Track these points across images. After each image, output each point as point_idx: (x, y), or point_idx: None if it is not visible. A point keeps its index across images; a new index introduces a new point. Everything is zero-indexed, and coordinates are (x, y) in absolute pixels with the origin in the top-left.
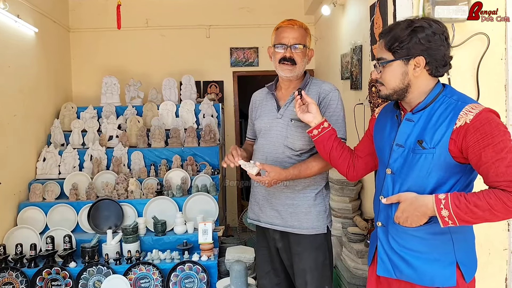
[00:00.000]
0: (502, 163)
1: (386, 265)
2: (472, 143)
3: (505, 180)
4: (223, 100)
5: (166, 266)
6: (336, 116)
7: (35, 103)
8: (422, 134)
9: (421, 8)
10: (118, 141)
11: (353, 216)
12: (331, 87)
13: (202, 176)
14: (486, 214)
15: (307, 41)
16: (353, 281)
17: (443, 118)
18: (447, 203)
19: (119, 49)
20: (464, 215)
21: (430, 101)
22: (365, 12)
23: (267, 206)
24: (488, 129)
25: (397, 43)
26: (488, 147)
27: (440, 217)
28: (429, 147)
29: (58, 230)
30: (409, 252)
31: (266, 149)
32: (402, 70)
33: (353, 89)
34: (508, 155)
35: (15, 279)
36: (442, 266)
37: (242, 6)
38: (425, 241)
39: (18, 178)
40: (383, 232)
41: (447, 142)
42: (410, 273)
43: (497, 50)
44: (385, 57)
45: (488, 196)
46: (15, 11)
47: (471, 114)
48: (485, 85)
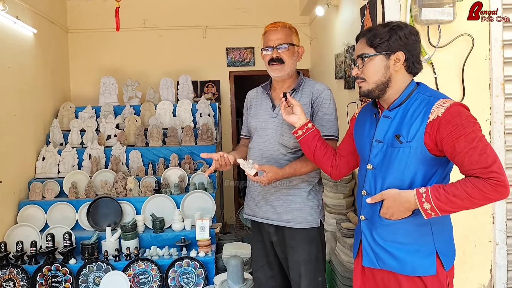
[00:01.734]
0: (475, 151)
1: (370, 257)
2: (445, 135)
3: (479, 168)
4: (219, 99)
5: (165, 262)
6: (328, 115)
7: (34, 103)
8: (399, 129)
9: (409, 10)
10: (116, 140)
11: (347, 212)
12: (324, 87)
13: (199, 174)
14: (465, 203)
15: (293, 39)
16: (346, 274)
17: (417, 113)
18: (427, 197)
19: (117, 50)
20: (444, 205)
21: (405, 97)
22: (358, 13)
23: (262, 202)
24: (459, 120)
25: (378, 39)
26: (461, 138)
27: (423, 210)
28: (406, 141)
29: (58, 228)
30: (392, 244)
31: (261, 146)
32: (384, 64)
33: (346, 88)
34: (479, 143)
35: (16, 276)
36: (422, 256)
37: (238, 7)
38: (406, 233)
39: (18, 177)
40: (366, 225)
41: (422, 135)
42: (393, 263)
43: (482, 51)
44: (366, 52)
45: (465, 185)
46: (14, 12)
47: (442, 108)
48: (470, 84)
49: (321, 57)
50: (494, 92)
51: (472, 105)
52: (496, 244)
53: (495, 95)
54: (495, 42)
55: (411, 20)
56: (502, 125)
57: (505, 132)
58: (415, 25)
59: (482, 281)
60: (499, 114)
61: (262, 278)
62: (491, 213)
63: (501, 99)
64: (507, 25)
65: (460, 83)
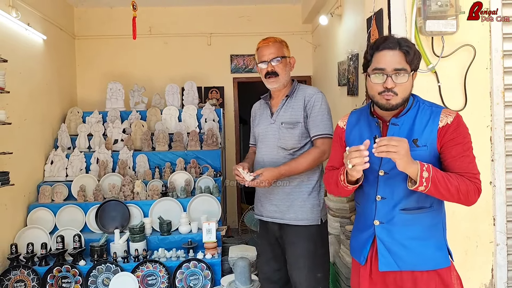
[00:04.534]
0: (466, 159)
1: (387, 260)
2: (448, 140)
3: (468, 172)
4: (223, 105)
5: (172, 264)
6: (321, 115)
7: (43, 108)
8: (411, 135)
9: (414, 22)
10: (123, 145)
11: (350, 215)
12: (315, 90)
13: (205, 178)
14: (452, 189)
15: (284, 52)
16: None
17: (425, 121)
18: (428, 168)
19: (123, 56)
20: (437, 183)
21: (409, 107)
22: (361, 23)
23: (267, 202)
24: (462, 130)
25: (416, 57)
26: (459, 145)
27: (420, 177)
28: (422, 144)
29: (67, 230)
30: (413, 240)
31: (263, 151)
32: (411, 81)
33: (350, 95)
34: (470, 154)
35: (26, 277)
36: (439, 250)
37: (242, 15)
38: (425, 229)
39: (28, 180)
40: (382, 229)
41: (435, 140)
42: (414, 260)
43: (483, 60)
44: (405, 68)
45: (456, 177)
46: (26, 19)
47: (450, 117)
48: (472, 92)
49: (324, 65)
50: (495, 100)
51: (473, 112)
52: (497, 245)
53: (496, 103)
54: (495, 53)
55: (416, 31)
56: (502, 131)
57: (505, 138)
58: (420, 36)
59: (483, 280)
60: (500, 121)
61: (268, 271)
62: (492, 215)
63: (501, 106)
64: (507, 36)
65: (463, 91)
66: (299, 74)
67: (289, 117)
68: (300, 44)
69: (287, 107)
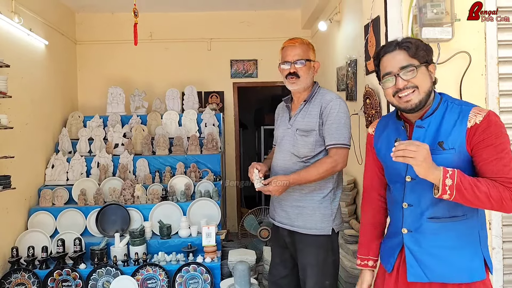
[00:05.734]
0: (500, 161)
1: (415, 270)
2: (478, 141)
3: (501, 176)
4: (223, 109)
5: (172, 267)
6: (336, 123)
7: (44, 112)
8: (437, 137)
9: (410, 29)
10: (124, 149)
11: (349, 219)
12: (333, 96)
13: (204, 182)
14: (482, 198)
15: (310, 55)
16: (349, 280)
17: (453, 121)
18: (453, 175)
19: (124, 61)
20: (464, 190)
21: (436, 107)
22: (360, 29)
23: (278, 208)
24: (493, 130)
25: (422, 51)
26: (490, 146)
27: (443, 184)
28: (449, 147)
29: (68, 234)
30: (443, 250)
31: (278, 156)
32: (428, 73)
33: (348, 100)
34: (506, 155)
35: (27, 280)
36: (474, 261)
37: (242, 21)
38: (457, 237)
39: (29, 184)
40: (410, 237)
41: (464, 142)
42: (445, 271)
43: (478, 67)
44: (412, 63)
45: (487, 183)
46: (28, 24)
47: (480, 115)
48: (468, 98)
49: (322, 70)
50: (490, 105)
51: None
52: (492, 249)
53: (491, 108)
54: (490, 59)
55: None
56: None
57: None
58: None
59: None
60: None
61: (276, 276)
62: (488, 220)
63: (496, 112)
64: (502, 43)
65: (458, 97)
66: None
67: (305, 124)
68: None
69: (304, 113)
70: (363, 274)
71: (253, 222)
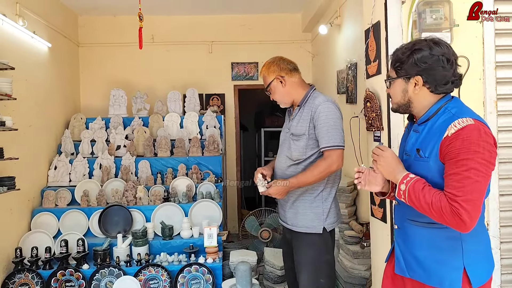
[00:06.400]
0: (455, 177)
1: (401, 265)
2: (445, 153)
3: (449, 192)
4: (224, 112)
5: (174, 268)
6: (326, 126)
7: (47, 114)
8: (421, 144)
9: (410, 34)
10: (126, 151)
11: (349, 220)
12: (321, 100)
13: (206, 184)
14: (424, 206)
15: (269, 80)
16: (349, 280)
17: (438, 130)
18: (409, 181)
19: (126, 63)
20: (413, 197)
21: (432, 114)
22: (360, 33)
23: (281, 208)
24: (459, 145)
25: (398, 63)
26: (452, 160)
27: (398, 189)
28: (424, 156)
29: (71, 234)
30: (422, 253)
31: (278, 159)
32: (403, 87)
33: (348, 103)
34: (463, 173)
35: (31, 280)
36: (450, 270)
37: (243, 24)
38: (436, 245)
39: (32, 185)
40: (398, 234)
41: (437, 152)
42: (421, 272)
43: (476, 71)
44: (391, 75)
45: (435, 195)
46: (32, 27)
47: (454, 128)
48: (466, 101)
49: (323, 73)
50: (488, 109)
51: None
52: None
53: (489, 112)
54: (488, 64)
55: None
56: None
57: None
58: None
59: None
60: (493, 130)
61: (285, 266)
62: (486, 221)
63: (494, 115)
64: (499, 48)
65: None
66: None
67: (298, 128)
68: (299, 52)
69: (299, 117)
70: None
71: (254, 223)
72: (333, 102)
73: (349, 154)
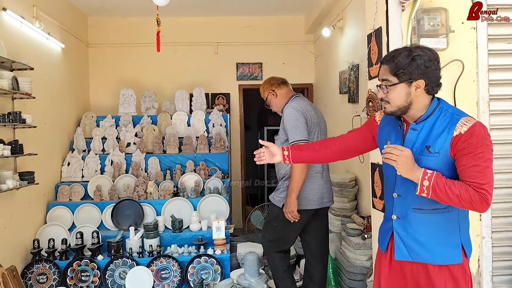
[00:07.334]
0: (476, 168)
1: (402, 251)
2: (460, 149)
3: (474, 182)
4: (229, 110)
5: (184, 259)
6: (289, 127)
7: (60, 112)
8: (427, 141)
9: (409, 39)
10: (136, 148)
11: (350, 214)
12: (287, 106)
13: (213, 180)
14: (454, 197)
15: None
16: (351, 269)
17: (442, 128)
18: (431, 177)
19: (135, 64)
20: (438, 190)
21: (430, 113)
22: (361, 36)
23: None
24: (474, 140)
25: (401, 70)
26: (470, 155)
27: (421, 185)
28: (435, 151)
29: (85, 227)
30: (425, 237)
31: None
32: (406, 91)
33: (350, 103)
34: (482, 164)
35: (48, 270)
36: (451, 247)
37: (248, 25)
38: (438, 227)
39: (47, 180)
40: (398, 223)
41: (448, 148)
42: (425, 254)
43: (470, 74)
44: (390, 80)
45: (461, 186)
46: (47, 29)
47: (465, 126)
48: (461, 102)
49: (325, 73)
50: (481, 109)
51: None
52: (483, 238)
53: (482, 111)
54: (481, 67)
55: None
56: None
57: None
58: None
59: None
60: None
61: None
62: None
63: (486, 115)
64: (492, 52)
65: (452, 101)
66: (302, 82)
67: (280, 129)
68: (302, 53)
69: (281, 120)
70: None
71: (259, 217)
72: (293, 106)
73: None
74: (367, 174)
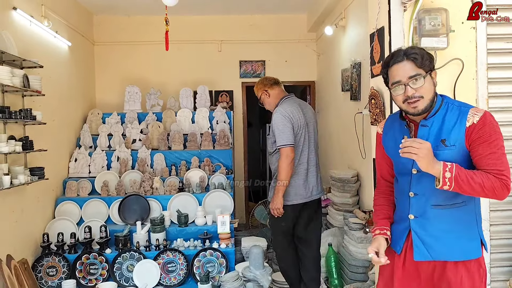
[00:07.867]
0: (493, 156)
1: (421, 251)
2: (475, 138)
3: (494, 169)
4: (232, 108)
5: (190, 252)
6: (275, 131)
7: (67, 109)
8: (440, 135)
9: (411, 39)
10: (141, 144)
11: (353, 209)
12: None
13: (218, 176)
14: (476, 187)
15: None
16: (353, 262)
17: (454, 121)
18: (451, 168)
19: (140, 61)
20: (461, 181)
21: (437, 108)
22: (364, 35)
23: None
24: (488, 129)
25: (427, 61)
26: (485, 143)
27: (443, 177)
28: (450, 144)
29: (93, 221)
30: (445, 233)
31: None
32: (432, 81)
33: (352, 100)
34: (498, 151)
35: (57, 263)
36: (471, 241)
37: (251, 24)
38: (457, 221)
39: (55, 176)
40: (416, 222)
41: (463, 140)
42: (445, 251)
43: (470, 72)
44: (420, 73)
45: (482, 175)
46: (55, 27)
47: (477, 116)
48: (460, 99)
49: (327, 71)
50: (480, 106)
51: None
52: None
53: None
54: (481, 65)
55: None
56: None
57: None
58: None
59: None
60: None
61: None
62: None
63: None
64: (491, 51)
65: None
66: (304, 79)
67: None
68: (305, 51)
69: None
70: (379, 240)
71: (262, 212)
72: (281, 112)
73: (353, 146)
74: (369, 169)
